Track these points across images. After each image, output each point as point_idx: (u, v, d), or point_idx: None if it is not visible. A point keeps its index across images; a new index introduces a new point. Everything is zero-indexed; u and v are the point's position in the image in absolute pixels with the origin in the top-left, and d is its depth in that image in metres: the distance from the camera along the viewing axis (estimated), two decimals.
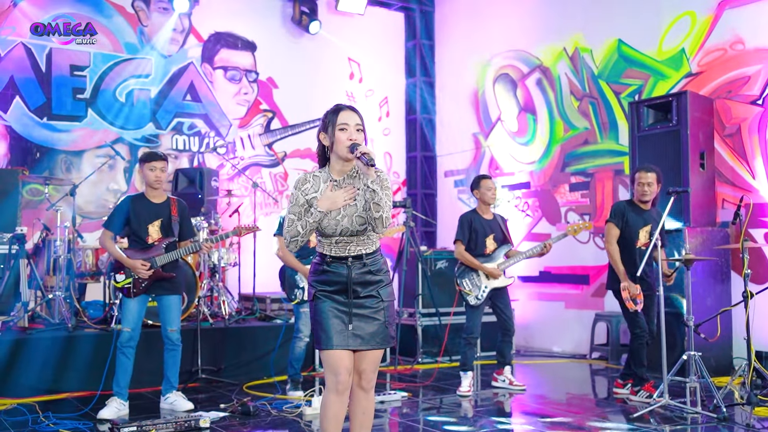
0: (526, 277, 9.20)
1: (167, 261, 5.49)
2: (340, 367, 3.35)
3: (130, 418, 5.31)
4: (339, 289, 3.40)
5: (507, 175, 9.66)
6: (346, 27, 10.39)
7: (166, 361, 5.61)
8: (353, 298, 3.39)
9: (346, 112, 3.39)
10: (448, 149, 10.67)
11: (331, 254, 3.42)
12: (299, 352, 6.16)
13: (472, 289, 6.28)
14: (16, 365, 5.98)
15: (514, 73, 9.62)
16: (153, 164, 5.46)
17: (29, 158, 8.34)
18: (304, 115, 10.09)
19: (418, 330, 7.85)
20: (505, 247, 6.45)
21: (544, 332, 8.96)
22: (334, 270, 3.40)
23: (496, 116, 9.88)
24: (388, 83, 10.82)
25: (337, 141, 3.34)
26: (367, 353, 3.44)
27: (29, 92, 8.38)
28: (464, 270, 6.35)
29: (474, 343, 6.33)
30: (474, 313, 6.30)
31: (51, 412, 5.27)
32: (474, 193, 6.52)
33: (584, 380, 7.38)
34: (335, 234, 3.39)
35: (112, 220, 5.53)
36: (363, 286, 3.41)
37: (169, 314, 5.55)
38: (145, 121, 9.02)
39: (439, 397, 6.24)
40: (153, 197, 5.56)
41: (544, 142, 9.16)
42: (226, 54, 9.63)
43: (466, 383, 6.23)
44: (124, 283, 5.43)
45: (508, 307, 6.42)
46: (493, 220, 6.49)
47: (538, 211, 9.22)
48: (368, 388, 3.47)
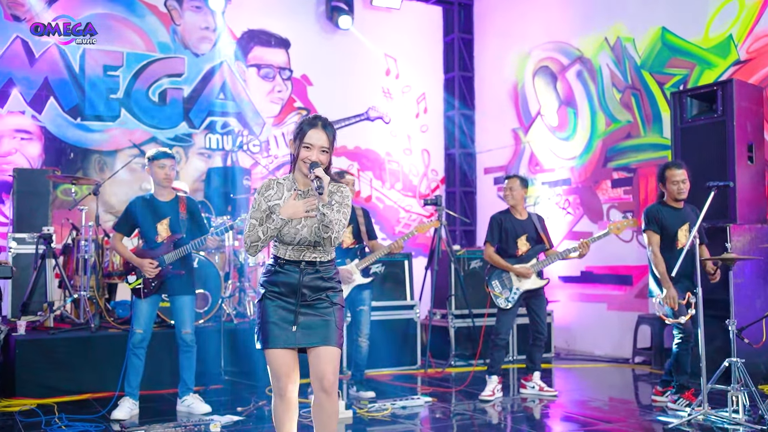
0: (567, 277, 8.86)
1: (175, 258, 5.39)
2: (281, 370, 3.36)
3: (146, 419, 5.22)
4: (288, 291, 3.38)
5: (547, 172, 9.32)
6: (382, 22, 10.20)
7: (182, 363, 5.51)
8: (301, 301, 3.37)
9: (316, 132, 3.35)
10: (487, 145, 10.38)
11: (285, 257, 3.40)
12: None
13: (503, 292, 6.02)
14: (38, 365, 5.95)
15: (553, 65, 9.27)
16: (162, 162, 5.38)
17: (63, 158, 8.39)
18: (339, 112, 9.91)
19: (451, 332, 7.59)
20: (539, 247, 6.16)
21: (585, 334, 8.61)
22: (286, 272, 3.39)
23: (535, 111, 9.55)
24: (426, 79, 10.58)
25: (300, 157, 3.36)
26: (320, 353, 3.35)
27: (63, 93, 8.42)
28: (494, 271, 6.10)
29: (503, 346, 6.06)
30: (505, 316, 6.04)
31: (65, 414, 5.23)
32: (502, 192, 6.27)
33: (625, 386, 7.01)
34: (293, 242, 3.39)
35: (120, 222, 5.50)
36: (312, 290, 3.40)
37: (182, 315, 5.45)
38: (178, 121, 8.98)
39: (467, 402, 5.99)
40: (161, 196, 5.48)
41: (585, 137, 8.80)
42: (259, 51, 9.54)
43: (489, 388, 5.98)
44: (136, 284, 5.36)
45: (542, 310, 6.15)
46: (527, 219, 6.20)
47: (579, 209, 8.86)
48: (330, 391, 3.35)
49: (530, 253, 6.10)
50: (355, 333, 6.14)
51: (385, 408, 5.49)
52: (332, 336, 3.36)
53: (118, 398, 5.38)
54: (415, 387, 6.55)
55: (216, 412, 5.40)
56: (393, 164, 10.29)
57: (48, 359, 5.98)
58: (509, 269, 6.01)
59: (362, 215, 6.19)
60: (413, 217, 10.28)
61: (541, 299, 6.16)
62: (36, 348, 6.00)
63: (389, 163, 10.25)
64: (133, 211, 5.44)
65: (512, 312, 6.05)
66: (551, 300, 8.66)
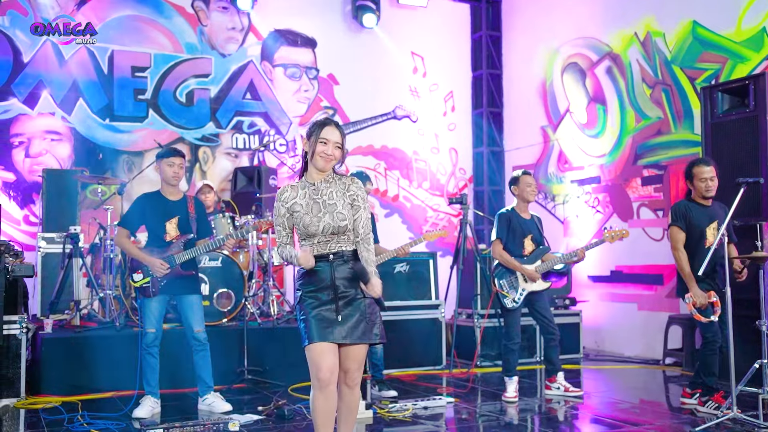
0: (597, 276, 8.71)
1: (186, 258, 5.38)
2: (322, 363, 3.48)
3: (168, 418, 5.24)
4: (323, 286, 3.57)
5: (576, 170, 9.17)
6: (409, 20, 10.14)
7: (197, 363, 5.50)
8: (339, 294, 3.55)
9: (330, 128, 3.65)
10: (515, 143, 10.26)
11: (313, 254, 3.58)
12: None
13: (510, 292, 5.93)
14: (64, 363, 6.02)
15: (582, 61, 9.12)
16: (171, 160, 5.38)
17: (92, 159, 8.48)
18: (366, 111, 9.92)
19: (476, 332, 7.51)
20: (543, 249, 6.08)
21: (615, 335, 8.45)
22: (317, 269, 3.58)
23: (564, 108, 9.41)
24: (453, 77, 10.50)
25: (316, 152, 3.61)
26: (350, 350, 3.57)
27: (92, 94, 8.51)
28: (502, 271, 6.02)
29: (516, 350, 5.97)
30: (511, 317, 5.97)
31: (89, 411, 5.27)
32: (512, 190, 6.14)
33: (655, 388, 6.86)
34: (318, 232, 3.58)
35: (126, 218, 5.48)
36: (345, 282, 3.57)
37: (192, 314, 5.44)
38: (205, 121, 9.03)
39: (491, 402, 5.91)
40: (169, 195, 5.48)
41: (615, 134, 8.65)
42: (285, 51, 9.54)
43: (511, 388, 5.89)
44: (142, 282, 5.34)
45: (547, 310, 6.05)
46: (531, 220, 6.13)
47: (609, 207, 8.70)
48: (353, 386, 3.63)
49: (536, 254, 6.02)
50: None
51: (406, 408, 5.44)
52: (361, 334, 3.54)
53: (138, 397, 5.41)
54: (438, 387, 6.48)
55: (237, 411, 5.39)
56: (420, 163, 10.23)
57: (73, 357, 6.04)
58: (520, 269, 5.92)
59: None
60: (441, 216, 10.21)
61: (544, 299, 6.07)
62: (61, 346, 6.07)
63: (416, 162, 10.19)
64: (141, 208, 5.43)
65: (517, 312, 5.97)
66: (580, 300, 8.55)
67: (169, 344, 6.04)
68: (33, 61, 8.25)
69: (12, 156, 8.15)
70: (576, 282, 8.76)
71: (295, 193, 3.66)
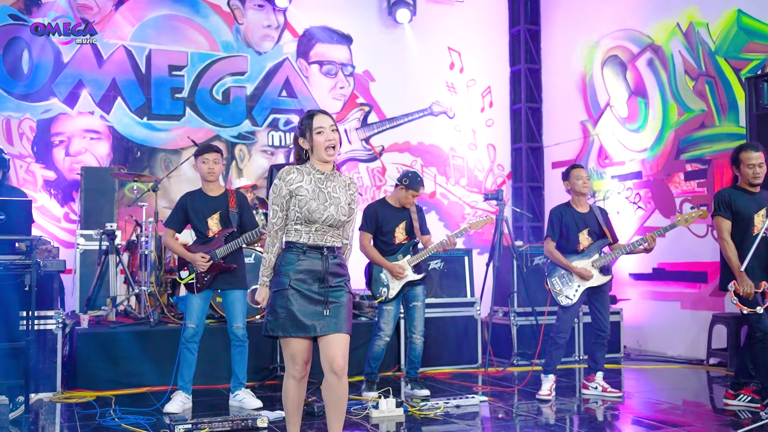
0: (638, 274, 8.50)
1: (227, 252, 5.40)
2: (299, 357, 3.58)
3: (199, 413, 5.24)
4: (311, 278, 3.54)
5: (617, 165, 8.96)
6: (446, 15, 10.03)
7: (234, 358, 5.52)
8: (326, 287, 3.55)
9: (319, 117, 3.63)
10: (555, 139, 10.08)
11: (307, 243, 3.57)
12: (378, 351, 5.92)
13: (563, 289, 5.78)
14: (99, 359, 6.08)
15: (623, 54, 8.91)
16: (205, 156, 5.41)
17: (130, 157, 8.57)
18: (402, 107, 9.84)
19: (513, 330, 7.38)
20: (602, 242, 5.89)
21: (658, 334, 8.23)
22: (308, 258, 3.56)
23: (604, 102, 9.21)
24: (491, 72, 10.35)
25: (316, 144, 3.58)
26: (331, 338, 3.53)
27: (130, 93, 8.60)
28: (555, 268, 5.87)
29: (562, 345, 5.81)
30: (566, 314, 5.80)
31: (122, 406, 5.31)
32: (565, 185, 6.01)
33: (698, 389, 6.66)
34: (319, 220, 3.56)
35: (171, 218, 5.53)
36: (334, 276, 3.59)
37: (234, 310, 5.45)
38: (241, 119, 9.06)
39: (525, 402, 5.79)
40: (209, 191, 5.50)
41: (657, 128, 8.42)
42: (321, 48, 9.52)
43: (546, 386, 5.76)
44: (188, 279, 5.39)
45: (605, 308, 5.87)
46: (589, 213, 5.94)
47: (651, 203, 8.48)
48: (340, 374, 3.54)
49: (592, 248, 5.84)
50: (409, 330, 6.02)
51: (438, 407, 5.35)
52: (343, 324, 3.55)
53: (171, 392, 5.43)
54: (471, 386, 6.37)
55: (268, 407, 5.37)
56: (457, 159, 10.11)
57: (108, 353, 6.10)
58: (569, 269, 5.77)
59: (415, 211, 6.07)
60: (478, 213, 10.06)
61: (605, 296, 5.88)
62: (96, 342, 6.13)
63: (453, 159, 10.08)
64: (184, 207, 5.48)
65: (574, 310, 5.80)
66: (622, 298, 8.35)
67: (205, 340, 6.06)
68: (73, 61, 8.37)
69: (53, 155, 8.28)
70: (617, 280, 8.54)
71: (301, 177, 3.60)
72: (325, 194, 3.58)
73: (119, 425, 4.86)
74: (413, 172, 6.07)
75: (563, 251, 5.82)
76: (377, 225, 5.93)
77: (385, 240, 5.93)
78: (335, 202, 3.60)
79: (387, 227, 5.92)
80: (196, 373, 5.77)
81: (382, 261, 5.84)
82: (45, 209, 8.16)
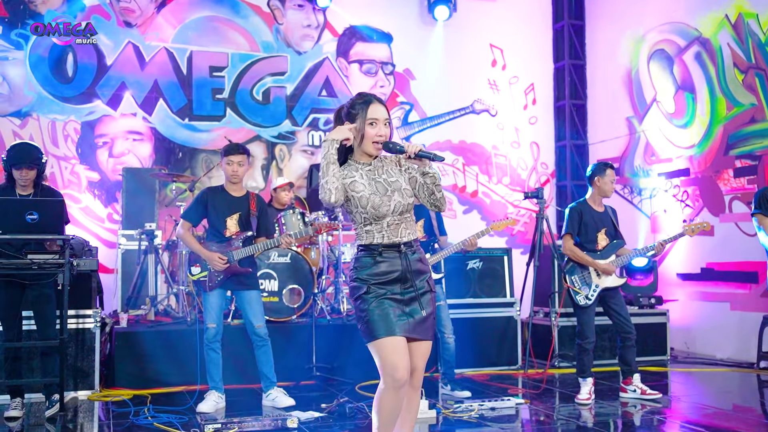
0: (686, 274, 8.24)
1: (244, 255, 5.37)
2: (399, 361, 3.12)
3: (232, 413, 5.24)
4: (392, 279, 3.22)
5: (664, 162, 8.70)
6: (487, 12, 9.89)
7: (259, 359, 5.50)
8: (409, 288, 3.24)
9: (376, 106, 3.26)
10: (600, 136, 9.85)
11: (383, 242, 3.23)
12: None
13: (582, 288, 5.64)
14: (136, 357, 6.14)
15: (670, 48, 8.65)
16: (230, 158, 5.38)
17: (172, 158, 8.67)
18: (443, 106, 9.75)
19: (554, 331, 7.22)
20: (618, 243, 5.75)
21: (706, 336, 7.96)
22: (387, 259, 3.23)
23: (651, 97, 8.95)
24: (534, 68, 10.17)
25: (367, 136, 3.23)
26: (418, 347, 3.26)
27: (172, 94, 8.70)
28: (573, 266, 5.74)
29: (590, 349, 5.67)
30: (584, 315, 5.67)
31: (157, 405, 5.34)
32: (594, 181, 5.78)
33: (748, 393, 6.41)
34: (389, 213, 3.23)
35: (189, 211, 5.51)
36: (416, 275, 3.26)
37: (251, 310, 5.42)
38: (281, 119, 9.08)
39: (563, 405, 5.65)
40: (232, 190, 5.48)
41: (705, 123, 8.14)
42: (361, 47, 9.49)
43: (585, 390, 5.61)
44: (200, 275, 5.38)
45: (623, 308, 5.73)
46: (605, 212, 5.81)
47: (699, 201, 8.21)
48: (418, 386, 3.32)
49: (609, 249, 5.71)
50: (439, 330, 5.92)
51: (472, 409, 5.25)
52: (432, 330, 3.29)
53: (201, 392, 5.44)
54: (509, 388, 6.24)
55: (300, 407, 5.34)
56: (500, 158, 9.96)
57: (145, 352, 6.15)
58: (593, 265, 5.63)
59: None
60: (522, 212, 9.91)
61: (620, 296, 5.76)
62: (134, 340, 6.19)
63: (496, 157, 9.93)
64: (204, 202, 5.45)
65: (591, 310, 5.67)
66: (668, 299, 8.11)
67: (238, 339, 6.09)
68: (116, 63, 8.50)
69: (96, 156, 8.42)
70: (664, 280, 8.32)
71: (354, 172, 3.26)
72: (383, 183, 3.24)
73: (151, 424, 4.89)
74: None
75: (581, 250, 5.70)
76: None
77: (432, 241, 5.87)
78: (396, 186, 3.25)
79: None
80: (233, 372, 5.81)
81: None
82: (89, 210, 8.31)
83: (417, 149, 3.18)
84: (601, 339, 7.02)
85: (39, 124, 8.21)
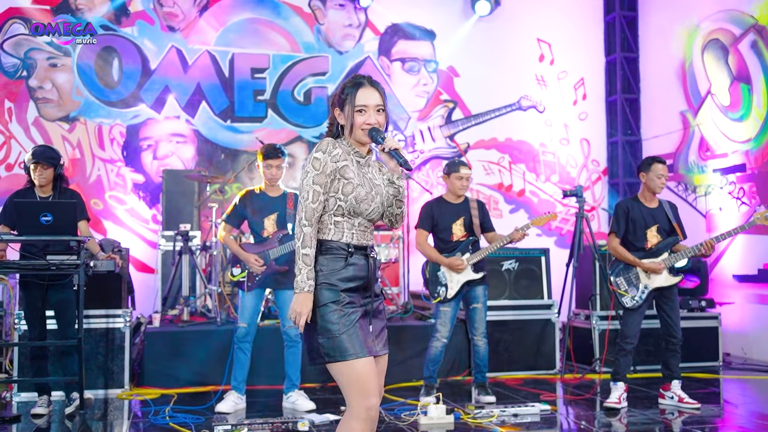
0: (743, 276, 7.80)
1: (280, 254, 5.36)
2: (371, 386, 2.77)
3: (251, 414, 5.22)
4: (359, 286, 2.89)
5: (719, 157, 8.27)
6: (535, 6, 9.62)
7: (287, 359, 5.47)
8: (369, 296, 2.91)
9: (367, 90, 2.91)
10: (653, 131, 9.45)
11: (353, 242, 2.89)
12: (435, 353, 5.71)
13: (629, 289, 5.36)
14: (165, 357, 6.20)
15: (724, 37, 8.21)
16: (269, 162, 5.38)
17: (215, 160, 8.75)
18: (488, 103, 9.54)
19: (594, 335, 6.94)
20: (671, 240, 5.42)
21: (764, 341, 7.51)
22: (356, 263, 2.89)
23: (705, 90, 8.52)
24: (584, 63, 9.84)
25: (355, 125, 2.91)
26: (380, 361, 2.94)
27: (214, 96, 8.79)
28: (619, 267, 5.46)
29: (630, 351, 5.39)
30: (631, 317, 5.38)
31: (181, 404, 5.38)
32: (640, 176, 5.54)
33: None
34: (365, 213, 2.90)
35: (230, 215, 5.53)
36: (375, 282, 2.96)
37: (286, 309, 5.39)
38: (322, 119, 9.04)
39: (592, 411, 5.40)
40: (270, 191, 5.50)
41: (762, 116, 7.70)
42: (403, 45, 9.38)
43: (615, 395, 5.36)
44: (240, 276, 5.38)
45: (675, 311, 5.40)
46: (658, 208, 5.48)
47: (756, 198, 7.76)
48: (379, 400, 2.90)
49: (661, 246, 5.39)
50: (471, 333, 5.76)
51: (492, 414, 5.07)
52: (386, 342, 2.98)
53: (223, 392, 5.44)
54: (541, 393, 6.01)
55: (320, 409, 5.28)
56: (548, 155, 9.68)
57: (175, 351, 6.21)
58: (637, 264, 5.34)
59: (476, 207, 5.79)
60: (571, 212, 9.59)
61: (674, 298, 5.43)
62: (163, 340, 6.26)
63: (544, 155, 9.66)
64: (242, 205, 5.49)
65: (640, 313, 5.37)
66: (722, 302, 7.70)
67: (269, 340, 6.07)
68: (159, 67, 8.64)
69: (141, 158, 8.57)
70: (719, 282, 7.91)
71: (345, 156, 2.92)
72: (370, 182, 2.94)
73: (167, 423, 4.90)
74: (452, 159, 5.80)
75: (629, 249, 5.41)
76: (433, 222, 5.72)
77: (442, 237, 5.72)
78: (379, 191, 2.96)
79: (443, 224, 5.70)
80: (257, 373, 5.79)
81: (439, 258, 5.62)
82: (134, 211, 8.47)
83: (393, 146, 2.91)
84: (644, 343, 6.71)
85: (86, 128, 8.42)
